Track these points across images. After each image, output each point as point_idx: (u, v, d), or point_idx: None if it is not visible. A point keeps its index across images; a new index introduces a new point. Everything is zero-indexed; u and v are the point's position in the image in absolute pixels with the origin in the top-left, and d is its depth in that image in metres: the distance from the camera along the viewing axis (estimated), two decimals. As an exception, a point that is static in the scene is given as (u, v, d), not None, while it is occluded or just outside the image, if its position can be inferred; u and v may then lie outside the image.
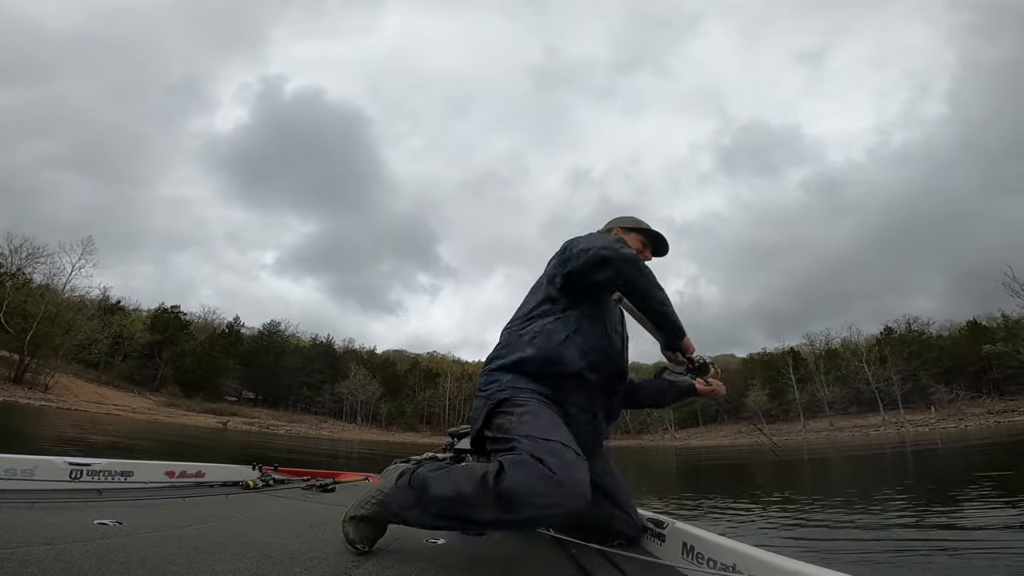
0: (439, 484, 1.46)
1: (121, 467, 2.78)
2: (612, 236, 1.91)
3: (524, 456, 1.34)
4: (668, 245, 2.14)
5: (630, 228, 2.12)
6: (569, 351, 1.72)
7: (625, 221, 2.16)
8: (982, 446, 18.63)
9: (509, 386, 1.67)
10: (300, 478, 3.78)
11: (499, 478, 1.29)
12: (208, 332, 67.61)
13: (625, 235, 2.06)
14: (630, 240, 2.04)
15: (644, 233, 2.12)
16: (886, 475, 11.31)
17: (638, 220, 2.16)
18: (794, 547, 3.91)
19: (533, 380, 1.69)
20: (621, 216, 2.20)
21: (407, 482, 1.56)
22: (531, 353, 1.71)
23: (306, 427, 58.00)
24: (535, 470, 1.28)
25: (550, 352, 1.71)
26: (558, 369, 1.71)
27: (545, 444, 1.39)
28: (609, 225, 2.17)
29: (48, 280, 45.80)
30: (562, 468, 1.30)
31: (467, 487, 1.36)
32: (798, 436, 54.56)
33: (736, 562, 1.34)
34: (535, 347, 1.72)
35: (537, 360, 1.70)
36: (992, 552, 3.52)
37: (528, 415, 1.54)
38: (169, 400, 53.77)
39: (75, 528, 1.62)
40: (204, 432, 29.89)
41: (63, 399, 40.05)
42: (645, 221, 2.17)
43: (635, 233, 2.10)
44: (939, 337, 62.46)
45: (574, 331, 1.75)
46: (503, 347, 1.81)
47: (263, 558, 1.41)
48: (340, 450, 25.26)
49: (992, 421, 43.43)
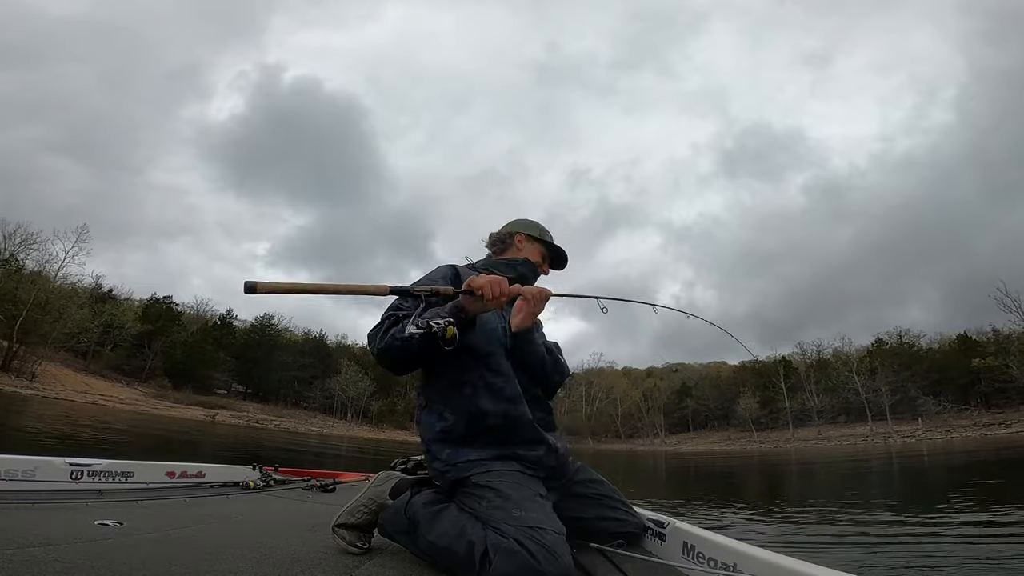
0: (431, 530, 1.47)
1: (121, 468, 2.78)
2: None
3: (510, 543, 1.35)
4: (567, 261, 2.06)
5: (534, 238, 2.00)
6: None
7: (530, 228, 2.02)
8: (967, 458, 18.83)
9: (459, 461, 1.62)
10: (300, 478, 3.79)
11: (485, 562, 1.33)
12: (200, 324, 67.17)
13: (527, 243, 1.98)
14: (531, 251, 1.97)
15: (547, 246, 2.02)
16: (877, 482, 11.41)
17: (543, 230, 2.04)
18: (794, 547, 3.94)
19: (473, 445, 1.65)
20: (527, 220, 2.06)
21: (403, 509, 1.57)
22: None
23: (296, 422, 57.76)
24: (520, 560, 1.30)
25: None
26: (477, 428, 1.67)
27: (527, 531, 1.38)
28: (512, 228, 2.03)
29: (40, 267, 45.47)
30: (546, 558, 1.32)
31: (457, 546, 1.39)
32: (787, 444, 54.97)
33: (737, 562, 1.34)
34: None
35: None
36: (980, 558, 3.59)
37: (496, 499, 1.50)
38: (157, 391, 53.31)
39: (75, 529, 1.62)
40: (191, 425, 29.66)
41: (49, 388, 39.68)
42: (549, 231, 2.05)
43: (538, 244, 2.00)
44: (929, 350, 63.14)
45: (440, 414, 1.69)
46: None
47: (264, 559, 1.41)
48: (329, 446, 25.16)
49: (979, 434, 43.93)
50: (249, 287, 1.34)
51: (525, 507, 1.45)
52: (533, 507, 1.47)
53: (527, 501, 1.49)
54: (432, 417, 1.69)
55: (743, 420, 64.61)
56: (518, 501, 1.48)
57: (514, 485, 1.54)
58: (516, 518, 1.42)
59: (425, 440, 1.71)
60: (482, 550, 1.35)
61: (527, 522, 1.41)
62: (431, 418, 1.70)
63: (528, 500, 1.49)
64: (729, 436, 65.11)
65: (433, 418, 1.69)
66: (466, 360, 1.66)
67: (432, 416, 1.70)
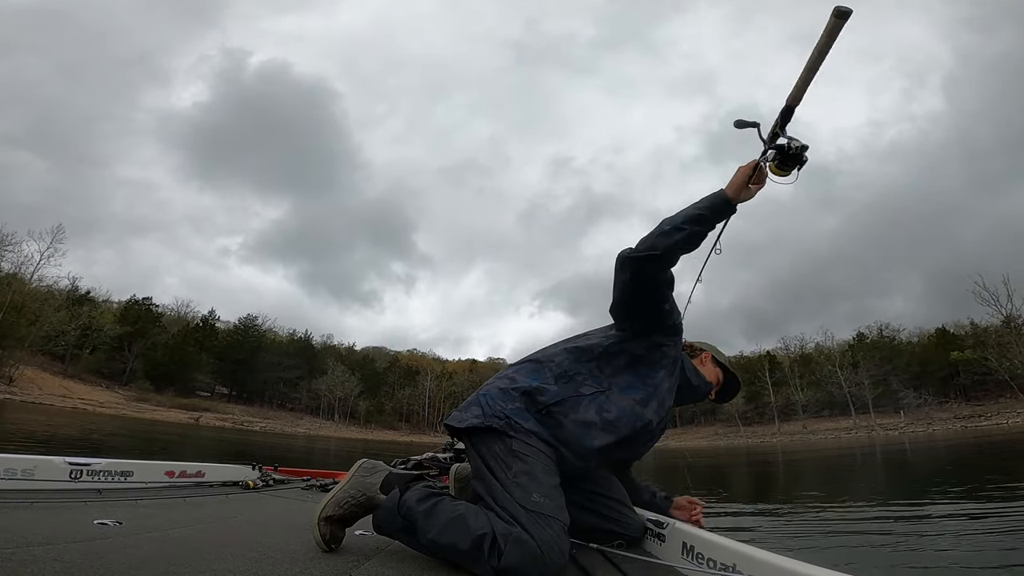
0: (430, 527, 1.46)
1: (121, 467, 2.76)
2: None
3: (518, 532, 1.37)
4: (733, 397, 2.09)
5: (720, 363, 2.03)
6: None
7: (719, 354, 2.06)
8: (948, 449, 19.28)
9: (516, 420, 1.61)
10: (300, 478, 3.77)
11: (494, 552, 1.34)
12: (181, 325, 66.19)
13: (711, 364, 2.00)
14: (711, 372, 1.99)
15: (726, 375, 2.04)
16: (864, 475, 11.62)
17: (728, 360, 2.08)
18: (794, 547, 3.99)
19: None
20: (716, 347, 2.09)
21: (396, 508, 1.54)
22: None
23: (282, 424, 57.32)
24: (527, 550, 1.34)
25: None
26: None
27: (537, 518, 1.41)
28: (704, 345, 2.05)
29: (16, 269, 44.42)
30: (552, 550, 1.36)
31: (462, 542, 1.39)
32: (773, 438, 55.79)
33: (736, 562, 1.34)
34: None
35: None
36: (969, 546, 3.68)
37: (524, 475, 1.51)
38: (138, 395, 52.52)
39: (75, 528, 1.60)
40: (174, 429, 29.20)
41: (27, 392, 38.88)
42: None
43: (719, 370, 2.03)
44: (909, 343, 64.53)
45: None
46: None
47: (263, 558, 1.39)
48: (317, 447, 24.99)
49: (959, 426, 45.02)
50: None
51: (547, 494, 1.47)
52: (553, 495, 1.49)
53: (551, 489, 1.50)
54: (582, 394, 1.63)
55: (730, 415, 65.40)
56: (542, 485, 1.49)
57: (546, 468, 1.54)
58: (535, 503, 1.44)
59: (528, 388, 1.63)
60: (491, 540, 1.36)
61: (543, 509, 1.43)
62: (574, 389, 1.63)
63: (553, 488, 1.51)
64: (716, 431, 65.94)
65: (581, 395, 1.63)
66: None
67: (584, 395, 1.63)
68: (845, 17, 1.34)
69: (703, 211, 1.56)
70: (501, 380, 1.72)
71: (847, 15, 1.34)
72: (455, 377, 77.54)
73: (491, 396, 1.65)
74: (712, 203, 1.57)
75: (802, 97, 1.50)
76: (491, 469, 1.54)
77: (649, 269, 1.58)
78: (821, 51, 1.40)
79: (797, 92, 1.48)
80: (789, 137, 1.53)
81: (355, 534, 1.73)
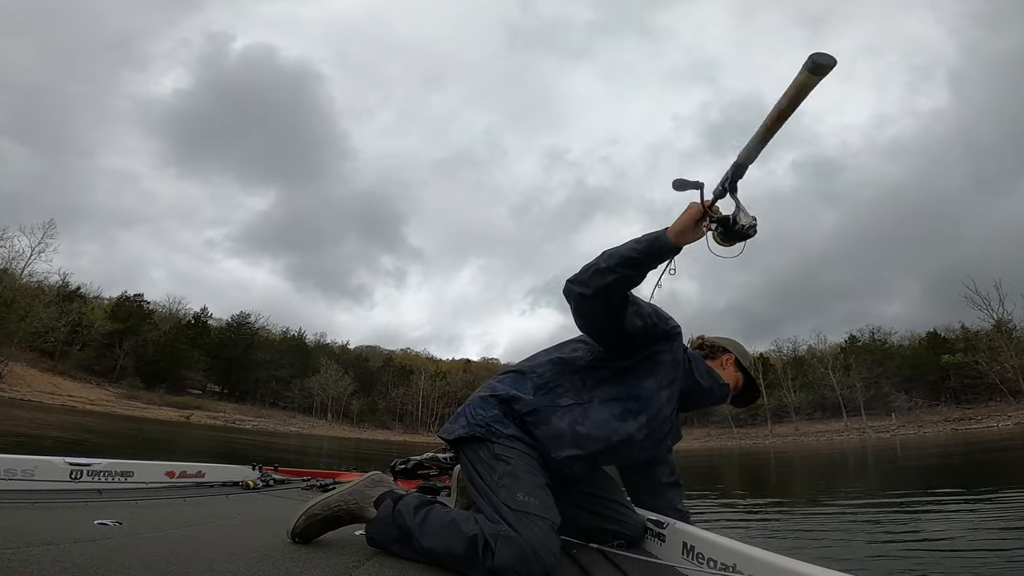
0: (424, 535, 1.46)
1: (121, 467, 2.77)
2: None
3: (505, 529, 1.39)
4: (752, 403, 2.08)
5: (742, 367, 1.99)
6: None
7: (744, 357, 2.01)
8: (939, 453, 19.44)
9: (495, 427, 1.63)
10: (300, 478, 3.78)
11: (487, 552, 1.35)
12: (173, 322, 65.74)
13: (733, 367, 1.97)
14: (732, 376, 1.96)
15: (747, 380, 2.01)
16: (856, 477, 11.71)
17: (752, 364, 2.05)
18: (794, 547, 4.00)
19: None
20: (743, 348, 2.04)
21: (390, 519, 1.53)
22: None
23: (274, 423, 57.04)
24: (518, 547, 1.35)
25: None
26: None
27: (524, 518, 1.43)
28: (728, 345, 2.01)
29: (7, 264, 43.98)
30: (541, 547, 1.37)
31: (456, 546, 1.40)
32: (765, 440, 56.11)
33: (736, 562, 1.33)
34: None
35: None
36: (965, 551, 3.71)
37: (507, 477, 1.53)
38: (129, 392, 52.10)
39: (75, 528, 1.60)
40: (164, 427, 28.96)
41: (16, 389, 38.52)
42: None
43: (741, 375, 1.99)
44: (900, 346, 65.09)
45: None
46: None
47: (263, 558, 1.38)
48: (309, 446, 24.85)
49: (950, 429, 45.35)
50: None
51: (531, 493, 1.49)
52: (539, 494, 1.50)
53: (536, 488, 1.52)
54: (555, 401, 1.65)
55: (723, 417, 65.69)
56: (526, 484, 1.51)
57: (529, 469, 1.56)
58: (519, 502, 1.46)
59: (506, 396, 1.66)
60: (483, 541, 1.37)
61: (529, 508, 1.45)
62: (547, 398, 1.65)
63: (537, 488, 1.52)
64: (709, 433, 66.17)
65: (554, 400, 1.64)
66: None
67: (560, 406, 1.64)
68: (822, 73, 1.06)
69: (639, 254, 1.47)
70: (483, 390, 1.76)
71: (826, 70, 1.06)
72: (449, 377, 77.50)
73: (473, 406, 1.70)
74: (650, 245, 1.47)
75: (756, 156, 1.30)
76: (479, 474, 1.57)
77: (584, 305, 1.57)
78: (785, 109, 1.16)
79: (752, 150, 1.29)
80: (738, 206, 1.37)
81: (355, 534, 1.73)
